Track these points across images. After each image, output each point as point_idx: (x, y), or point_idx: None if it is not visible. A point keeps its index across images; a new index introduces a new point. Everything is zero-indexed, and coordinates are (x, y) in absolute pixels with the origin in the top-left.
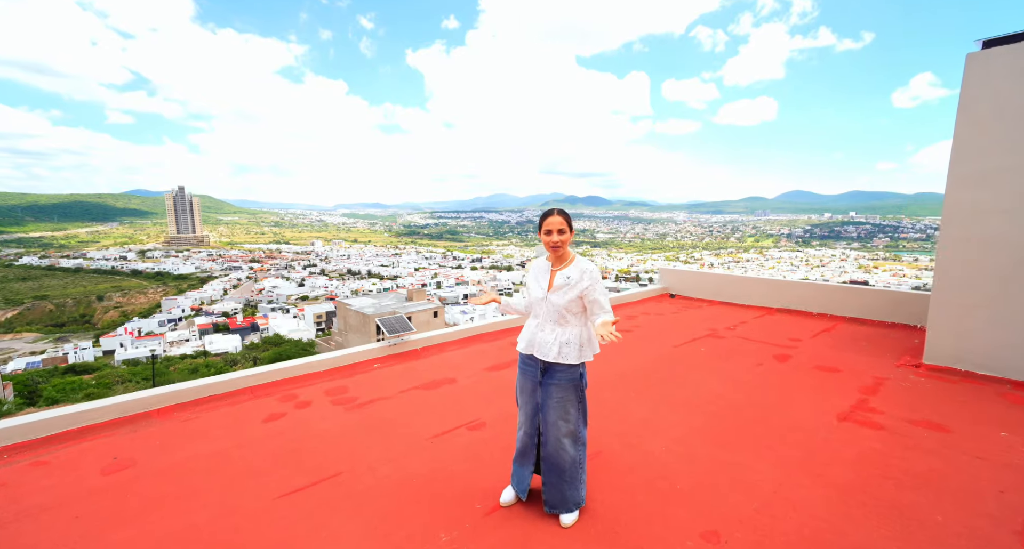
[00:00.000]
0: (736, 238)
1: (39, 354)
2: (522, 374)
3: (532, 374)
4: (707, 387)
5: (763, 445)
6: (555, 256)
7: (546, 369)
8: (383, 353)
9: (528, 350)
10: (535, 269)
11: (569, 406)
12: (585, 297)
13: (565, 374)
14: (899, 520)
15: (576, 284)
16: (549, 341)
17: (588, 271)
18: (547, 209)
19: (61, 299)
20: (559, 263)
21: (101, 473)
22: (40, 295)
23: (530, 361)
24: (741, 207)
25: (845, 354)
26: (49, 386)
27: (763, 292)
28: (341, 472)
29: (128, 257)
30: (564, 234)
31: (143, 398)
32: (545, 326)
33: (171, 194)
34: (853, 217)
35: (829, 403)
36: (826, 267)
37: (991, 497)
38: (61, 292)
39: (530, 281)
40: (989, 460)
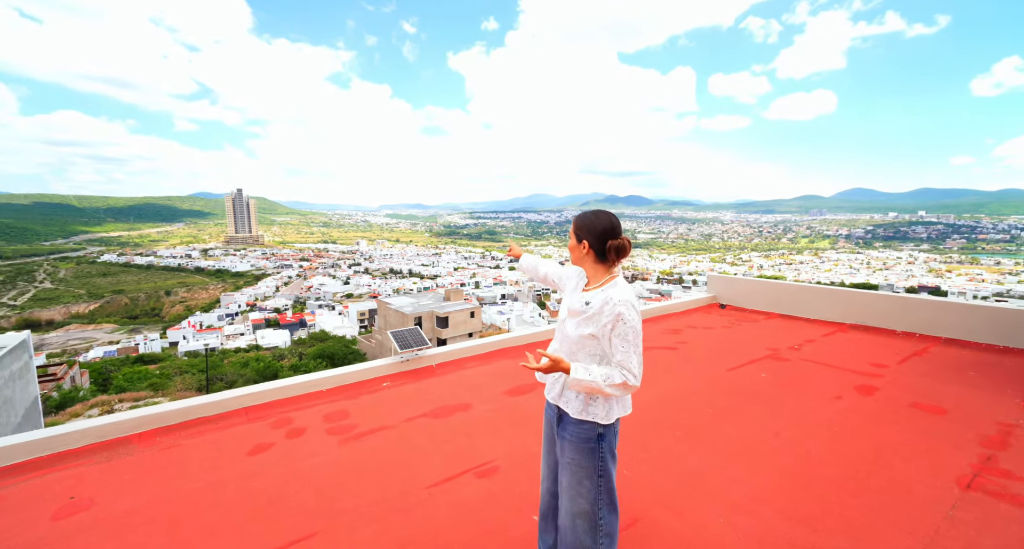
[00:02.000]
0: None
1: (115, 344)
2: (545, 414)
3: (549, 418)
4: (774, 428)
5: (860, 524)
6: (596, 273)
7: (560, 416)
8: (395, 369)
9: (545, 386)
10: (573, 277)
11: (584, 477)
12: (601, 340)
13: (576, 430)
14: None
15: (594, 316)
16: (553, 376)
17: (613, 303)
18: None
19: (135, 293)
20: (589, 282)
21: (51, 518)
22: (117, 290)
23: (551, 404)
24: (794, 206)
25: (948, 388)
26: (119, 375)
27: (831, 303)
28: (316, 533)
29: (192, 255)
30: (571, 242)
31: (125, 421)
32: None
33: (230, 196)
34: (923, 216)
35: (941, 459)
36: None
37: None
38: (135, 287)
39: (566, 291)
40: None
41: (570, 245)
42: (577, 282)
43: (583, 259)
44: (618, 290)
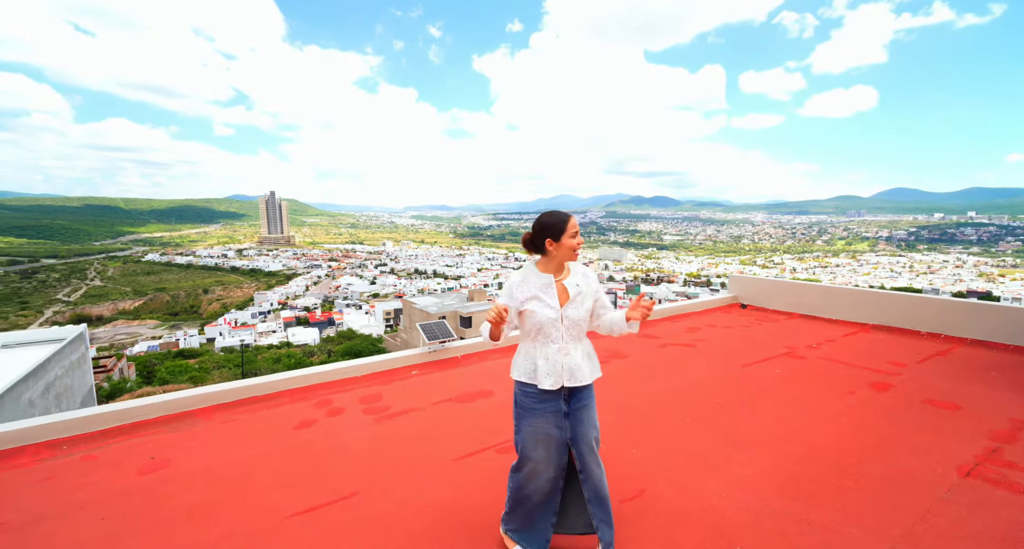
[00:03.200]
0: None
1: (157, 339)
2: (535, 413)
3: (555, 408)
4: (781, 419)
5: (856, 503)
6: (557, 265)
7: (573, 394)
8: (423, 359)
9: (556, 382)
10: (529, 283)
11: (596, 422)
12: (597, 302)
13: (590, 390)
14: None
15: (587, 290)
16: (579, 362)
17: (590, 274)
18: (562, 212)
19: (176, 291)
20: (560, 272)
21: (137, 473)
22: (160, 287)
23: (551, 396)
24: (830, 207)
25: (966, 386)
26: (162, 368)
27: (855, 304)
28: (357, 492)
29: (228, 255)
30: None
31: (189, 397)
32: (567, 348)
33: (264, 198)
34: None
35: (946, 450)
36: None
37: None
38: (175, 285)
39: (531, 304)
40: None
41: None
42: (540, 285)
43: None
44: (581, 266)
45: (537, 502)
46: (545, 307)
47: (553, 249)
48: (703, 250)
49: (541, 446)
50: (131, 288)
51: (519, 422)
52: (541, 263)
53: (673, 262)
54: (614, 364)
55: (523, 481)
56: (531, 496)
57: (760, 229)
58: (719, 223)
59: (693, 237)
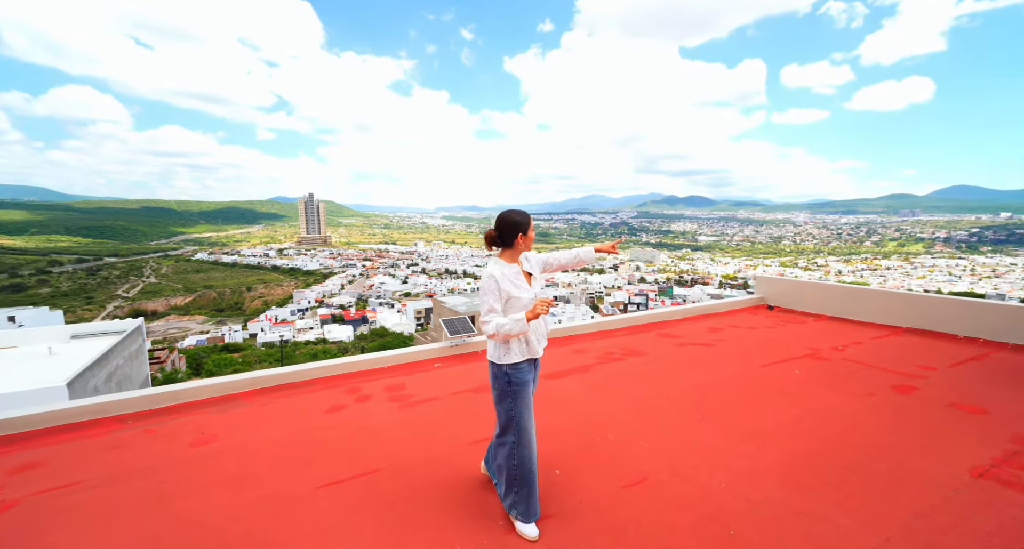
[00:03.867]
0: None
1: (205, 333)
2: (527, 385)
3: (534, 376)
4: (792, 416)
5: (856, 497)
6: (514, 255)
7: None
8: (445, 353)
9: (542, 345)
10: (507, 277)
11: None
12: (546, 267)
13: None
14: None
15: (536, 269)
16: (546, 329)
17: (531, 255)
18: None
19: (222, 288)
20: (519, 262)
21: (189, 445)
22: (208, 285)
23: (532, 363)
24: (880, 206)
25: (999, 392)
26: (209, 361)
27: (887, 307)
28: (380, 469)
29: (269, 254)
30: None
31: (232, 382)
32: (541, 318)
33: (303, 200)
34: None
35: (962, 452)
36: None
37: None
38: (222, 282)
39: (512, 289)
40: None
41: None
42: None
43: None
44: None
45: (535, 470)
46: (524, 292)
47: (521, 242)
48: (740, 251)
49: (531, 412)
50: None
51: (515, 401)
52: (506, 255)
53: (708, 263)
54: (631, 361)
55: (527, 453)
56: (532, 467)
57: (802, 230)
58: (758, 223)
59: (730, 238)
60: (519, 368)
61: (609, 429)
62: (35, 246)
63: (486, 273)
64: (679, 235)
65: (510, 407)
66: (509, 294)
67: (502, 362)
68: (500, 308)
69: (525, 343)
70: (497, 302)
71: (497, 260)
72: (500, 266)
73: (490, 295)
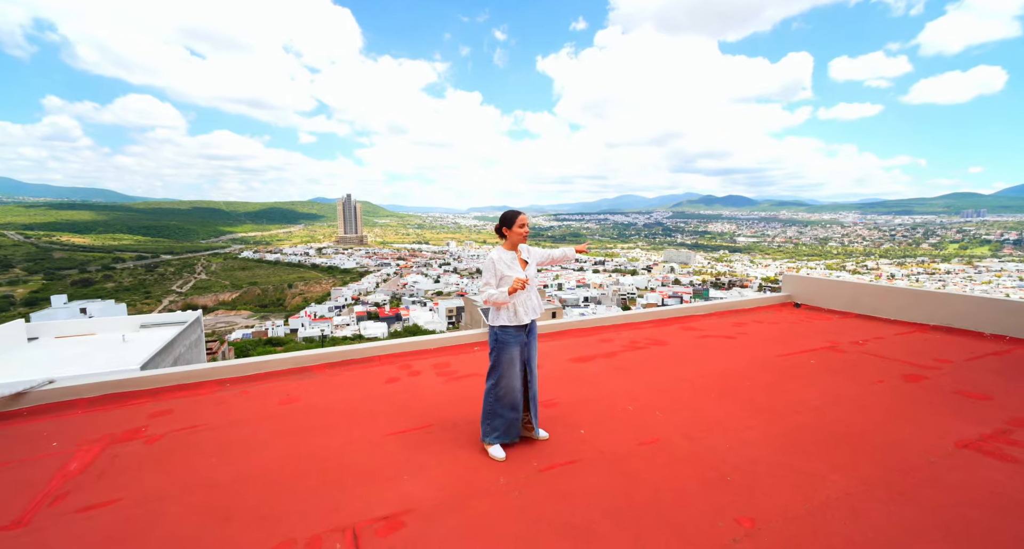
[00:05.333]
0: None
1: (250, 328)
2: (513, 346)
3: (520, 339)
4: (800, 398)
5: (845, 460)
6: (514, 244)
7: (529, 328)
8: (484, 338)
9: (529, 316)
10: (504, 260)
11: (536, 348)
12: (543, 260)
13: (536, 325)
14: (984, 541)
15: (532, 259)
16: (537, 304)
17: (533, 249)
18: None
19: (265, 285)
20: (516, 251)
21: (278, 403)
22: (252, 282)
23: (520, 329)
24: (940, 206)
25: (1008, 382)
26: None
27: (916, 305)
28: (432, 424)
29: (309, 253)
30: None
31: (307, 355)
32: (531, 295)
33: (341, 201)
34: None
35: (952, 429)
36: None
37: None
38: (265, 279)
39: (506, 270)
40: None
41: (525, 232)
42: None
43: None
44: (525, 245)
45: (510, 407)
46: (516, 273)
47: (508, 235)
48: (782, 253)
49: (513, 367)
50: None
51: (499, 355)
52: (505, 244)
53: (747, 265)
54: (653, 350)
55: (501, 395)
56: (505, 405)
57: (851, 230)
58: (802, 224)
59: (771, 239)
60: (505, 330)
61: (629, 402)
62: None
63: (488, 257)
64: (716, 236)
65: (494, 358)
66: (503, 274)
67: (493, 324)
68: (495, 284)
69: (513, 312)
70: (493, 278)
71: (499, 248)
72: (500, 252)
73: (488, 273)
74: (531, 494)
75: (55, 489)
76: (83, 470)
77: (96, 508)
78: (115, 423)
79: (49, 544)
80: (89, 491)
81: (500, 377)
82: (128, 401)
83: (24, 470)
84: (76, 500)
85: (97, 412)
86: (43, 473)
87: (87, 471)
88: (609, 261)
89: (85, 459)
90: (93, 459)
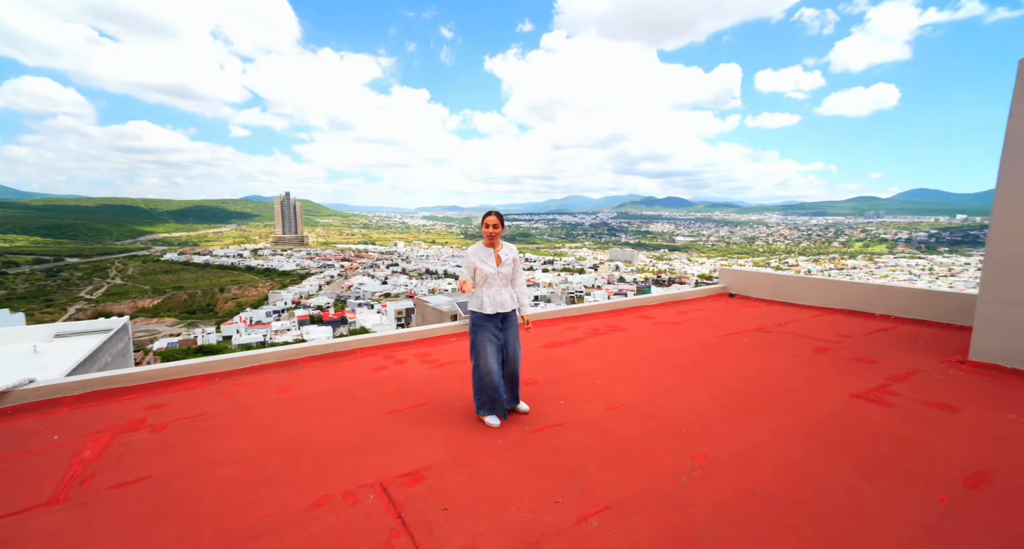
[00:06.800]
0: (841, 242)
1: (176, 336)
2: (484, 330)
3: (493, 325)
4: (737, 369)
5: (771, 412)
6: (491, 242)
7: (504, 318)
8: (459, 330)
9: (495, 309)
10: (478, 253)
11: (519, 335)
12: (515, 267)
13: (515, 316)
14: (868, 464)
15: (512, 260)
16: (507, 299)
17: (514, 251)
18: (488, 211)
19: (193, 290)
20: (496, 247)
21: (277, 392)
22: (178, 286)
23: (491, 318)
24: (848, 208)
25: (891, 350)
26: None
27: (824, 293)
28: (428, 403)
29: (243, 255)
30: (498, 228)
31: (293, 350)
32: (501, 290)
33: (279, 199)
34: None
35: (849, 385)
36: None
37: (960, 454)
38: (193, 284)
39: (477, 262)
40: (979, 431)
41: (498, 230)
42: (484, 255)
43: (500, 235)
44: (511, 246)
45: (492, 387)
46: (487, 266)
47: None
48: (716, 251)
49: (488, 348)
50: (150, 286)
51: (474, 338)
52: (484, 241)
53: (685, 263)
54: (613, 335)
55: (482, 374)
56: (487, 384)
57: (775, 230)
58: (732, 224)
59: (706, 238)
60: (476, 314)
61: (597, 377)
62: None
63: (466, 250)
64: (657, 235)
65: (471, 340)
66: (476, 266)
67: (468, 309)
68: (467, 272)
69: (480, 303)
70: (467, 268)
71: (479, 243)
72: (476, 246)
73: (464, 261)
74: (528, 450)
75: (79, 472)
76: (99, 456)
77: (129, 484)
78: (112, 416)
79: (97, 514)
80: (115, 472)
81: (478, 357)
82: (118, 397)
83: (35, 460)
84: (105, 479)
85: (87, 408)
86: (57, 462)
87: (104, 456)
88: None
89: (97, 447)
90: (105, 446)
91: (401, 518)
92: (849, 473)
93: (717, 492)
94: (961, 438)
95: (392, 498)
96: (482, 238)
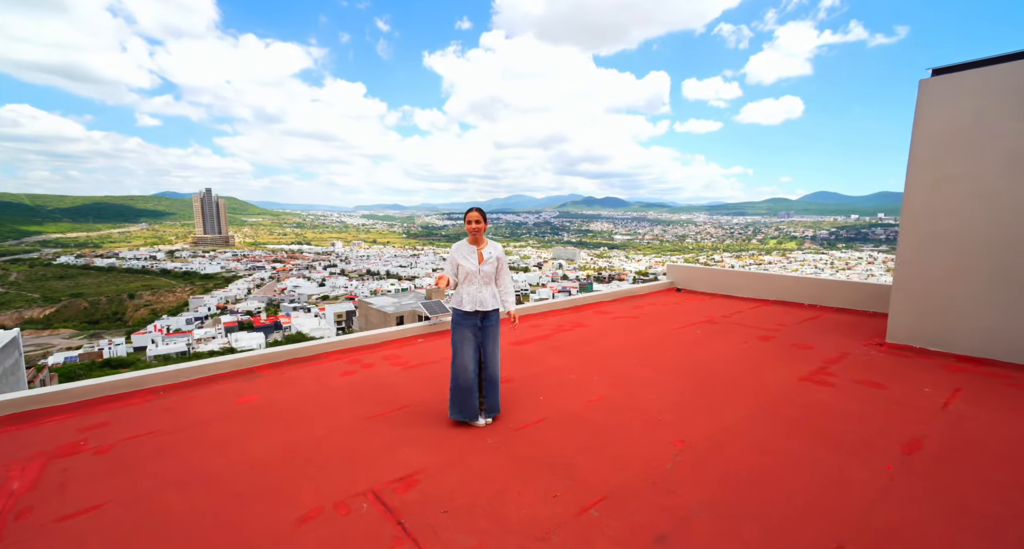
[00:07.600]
0: (758, 240)
1: (76, 349)
2: (463, 328)
3: (472, 324)
4: (697, 359)
5: (735, 396)
6: (475, 239)
7: (484, 317)
8: (426, 331)
9: (473, 307)
10: (461, 250)
11: (498, 337)
12: (499, 266)
13: (495, 315)
14: (824, 436)
15: (495, 258)
16: (487, 297)
17: (499, 249)
18: (470, 207)
19: (95, 297)
20: (480, 244)
21: (236, 401)
22: (76, 293)
23: (471, 316)
24: (764, 209)
25: (822, 336)
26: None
27: (761, 286)
28: (407, 406)
29: (157, 257)
30: (480, 224)
31: (248, 357)
32: (482, 289)
33: (198, 196)
34: (881, 219)
35: (795, 369)
36: (852, 270)
37: (894, 426)
38: (95, 290)
39: (460, 259)
40: (905, 404)
41: (481, 226)
42: (466, 252)
43: (483, 231)
44: (495, 244)
45: (465, 387)
46: (469, 263)
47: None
48: (651, 249)
49: (465, 345)
50: (40, 294)
51: (454, 334)
52: (468, 238)
53: (623, 261)
54: (577, 331)
55: (458, 372)
56: (462, 384)
57: (702, 229)
58: (665, 223)
59: (641, 237)
60: (457, 311)
61: (571, 373)
62: None
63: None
64: (597, 234)
65: (452, 341)
66: (458, 262)
67: (450, 307)
68: (451, 269)
69: (459, 301)
70: (449, 265)
71: (464, 240)
72: (460, 243)
73: (448, 258)
74: (517, 446)
75: (10, 507)
76: (32, 487)
77: (82, 514)
78: (38, 442)
79: None
80: (57, 502)
81: (455, 354)
82: (40, 420)
83: None
84: (47, 512)
85: (3, 434)
86: None
87: (39, 486)
88: None
89: (27, 477)
90: (38, 475)
91: (401, 525)
92: (810, 448)
93: (702, 474)
94: (892, 411)
95: (388, 505)
96: (466, 236)
